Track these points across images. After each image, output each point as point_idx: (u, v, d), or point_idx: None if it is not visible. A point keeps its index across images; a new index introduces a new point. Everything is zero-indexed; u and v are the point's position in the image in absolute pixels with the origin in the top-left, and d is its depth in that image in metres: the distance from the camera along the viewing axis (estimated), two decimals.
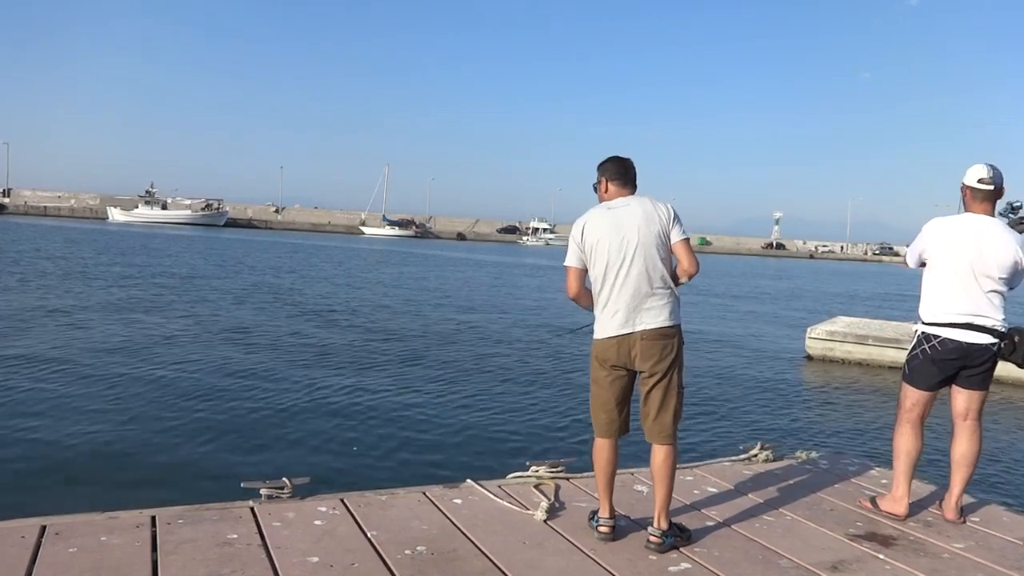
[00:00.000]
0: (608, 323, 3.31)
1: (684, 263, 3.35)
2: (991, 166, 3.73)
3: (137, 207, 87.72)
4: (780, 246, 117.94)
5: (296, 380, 9.66)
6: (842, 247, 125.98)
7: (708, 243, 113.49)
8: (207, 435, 7.12)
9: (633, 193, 3.45)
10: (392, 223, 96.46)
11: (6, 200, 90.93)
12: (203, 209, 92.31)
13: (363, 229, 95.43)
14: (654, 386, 3.31)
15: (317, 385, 9.44)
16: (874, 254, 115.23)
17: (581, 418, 8.20)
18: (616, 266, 3.27)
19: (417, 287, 25.99)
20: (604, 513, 3.43)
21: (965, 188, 3.78)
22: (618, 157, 3.51)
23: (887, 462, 4.15)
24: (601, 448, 3.43)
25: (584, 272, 3.42)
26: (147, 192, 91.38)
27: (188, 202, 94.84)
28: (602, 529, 3.39)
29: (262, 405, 8.34)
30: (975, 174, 3.74)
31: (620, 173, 3.46)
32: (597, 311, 3.38)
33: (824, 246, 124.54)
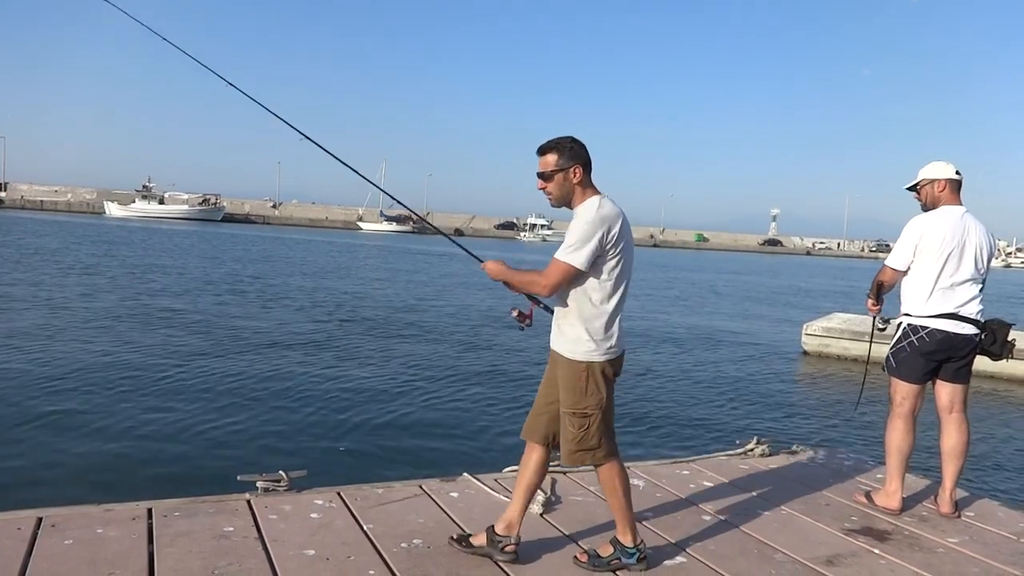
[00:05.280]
0: (618, 337, 2.94)
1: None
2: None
3: (134, 201, 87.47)
4: (777, 242, 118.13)
5: (292, 373, 9.65)
6: (839, 244, 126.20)
7: (705, 239, 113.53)
8: (203, 428, 7.11)
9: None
10: (389, 219, 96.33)
11: (2, 194, 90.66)
12: (200, 204, 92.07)
13: (360, 224, 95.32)
14: None
15: (313, 378, 9.44)
16: (871, 251, 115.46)
17: None
18: (628, 277, 2.93)
19: (410, 282, 25.96)
20: (636, 541, 3.04)
21: (942, 183, 3.89)
22: (576, 139, 2.93)
23: (882, 457, 4.16)
24: (620, 468, 3.01)
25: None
26: (144, 187, 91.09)
27: (185, 197, 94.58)
28: (643, 559, 3.03)
29: (259, 398, 8.33)
30: (949, 168, 3.90)
31: (589, 162, 2.94)
32: (602, 323, 2.87)
33: (821, 243, 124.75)
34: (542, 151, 2.93)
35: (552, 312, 3.07)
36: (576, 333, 2.89)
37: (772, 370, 12.46)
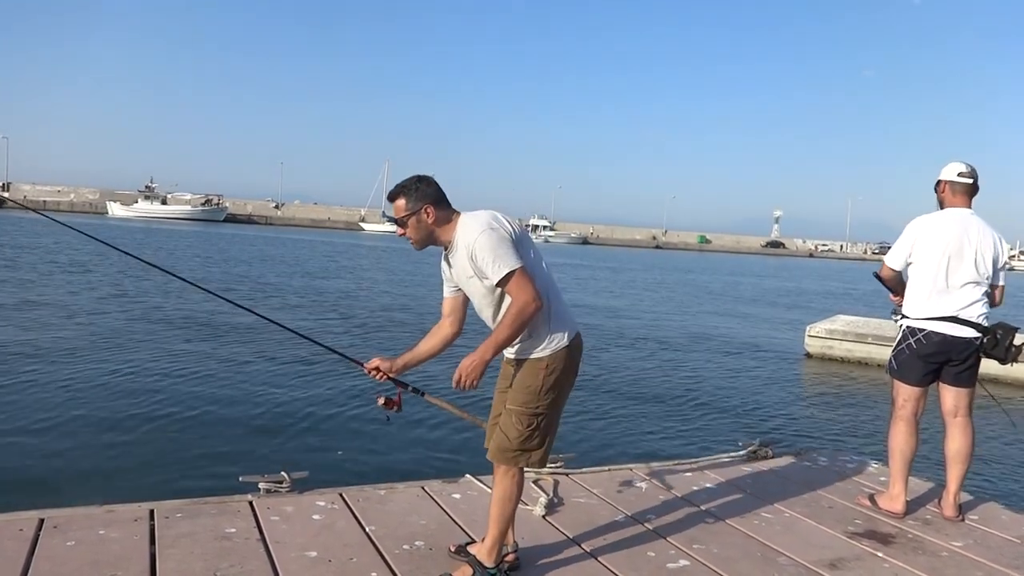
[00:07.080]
0: (568, 316, 2.89)
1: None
2: (967, 163, 3.90)
3: (137, 202, 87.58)
4: (779, 244, 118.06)
5: (294, 374, 9.65)
6: (842, 246, 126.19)
7: (708, 241, 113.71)
8: (206, 429, 7.11)
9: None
10: (391, 220, 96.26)
11: (5, 194, 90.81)
12: (203, 204, 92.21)
13: (363, 225, 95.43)
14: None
15: (316, 379, 9.44)
16: (874, 253, 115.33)
17: (581, 414, 8.21)
18: (540, 257, 2.90)
19: (405, 283, 25.98)
20: (498, 560, 2.90)
21: (944, 184, 3.91)
22: (422, 178, 2.91)
23: (886, 459, 4.15)
24: (523, 479, 2.91)
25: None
26: (147, 187, 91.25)
27: (188, 197, 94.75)
28: (509, 558, 3.00)
29: (261, 399, 8.33)
30: (953, 169, 3.89)
31: (440, 197, 2.90)
32: (552, 309, 2.80)
33: (824, 245, 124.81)
34: (391, 198, 2.85)
35: (421, 394, 3.07)
36: (532, 331, 2.79)
37: (775, 372, 12.45)
